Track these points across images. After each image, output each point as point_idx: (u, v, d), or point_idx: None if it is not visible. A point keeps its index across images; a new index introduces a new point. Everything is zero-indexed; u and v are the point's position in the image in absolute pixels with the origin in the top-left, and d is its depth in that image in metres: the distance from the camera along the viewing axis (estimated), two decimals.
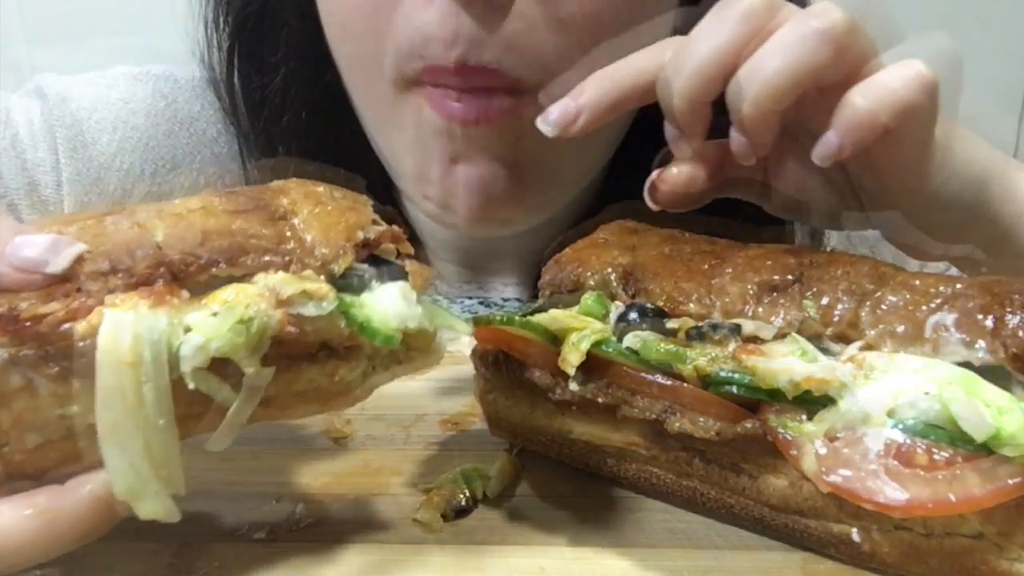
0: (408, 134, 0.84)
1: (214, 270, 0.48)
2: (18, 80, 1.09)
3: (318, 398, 0.51)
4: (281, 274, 0.49)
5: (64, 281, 0.46)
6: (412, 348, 0.53)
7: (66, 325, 0.45)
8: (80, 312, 0.46)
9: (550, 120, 0.64)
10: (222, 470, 0.61)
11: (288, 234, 0.51)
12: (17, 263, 0.46)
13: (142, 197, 1.01)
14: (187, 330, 0.46)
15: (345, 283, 0.51)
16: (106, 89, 1.03)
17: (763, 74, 0.59)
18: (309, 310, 0.48)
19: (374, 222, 0.54)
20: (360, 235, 0.52)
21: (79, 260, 0.47)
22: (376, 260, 0.54)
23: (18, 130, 0.99)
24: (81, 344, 0.45)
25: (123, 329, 0.45)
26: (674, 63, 0.62)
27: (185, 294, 0.47)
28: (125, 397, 0.44)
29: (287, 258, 0.50)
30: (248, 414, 0.48)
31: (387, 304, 0.51)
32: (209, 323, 0.46)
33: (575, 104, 0.63)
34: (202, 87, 1.04)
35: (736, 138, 0.63)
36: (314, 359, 0.50)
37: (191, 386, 0.45)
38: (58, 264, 0.47)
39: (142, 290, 0.46)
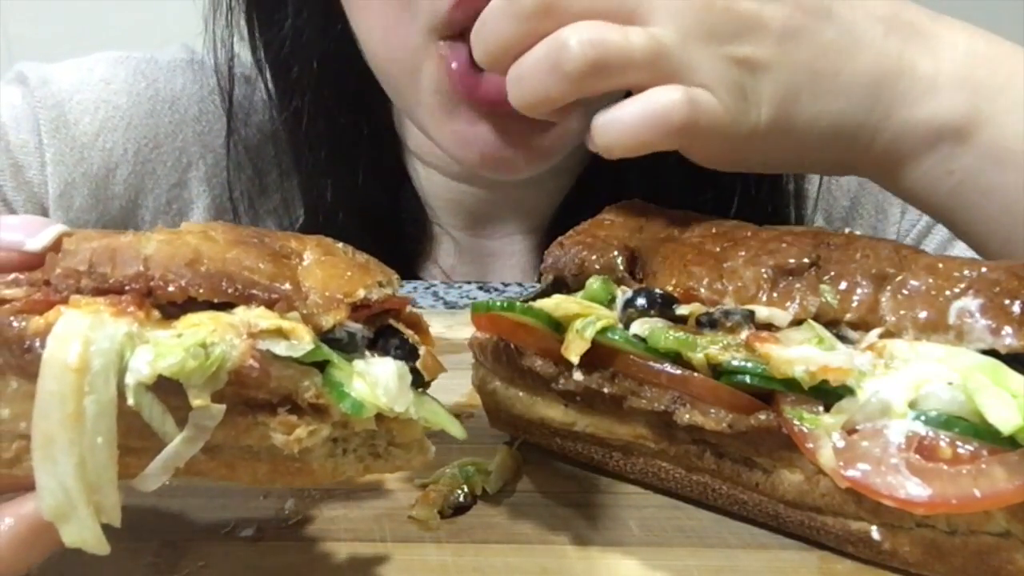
0: (427, 89, 0.84)
1: (192, 292, 0.44)
2: None
3: (270, 461, 0.46)
4: (261, 309, 0.45)
5: (40, 274, 0.44)
6: (395, 444, 0.49)
7: (22, 317, 0.42)
8: (39, 306, 0.43)
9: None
10: None
11: (286, 274, 0.47)
12: None
13: (125, 176, 1.04)
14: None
15: (333, 339, 0.47)
16: (87, 72, 1.05)
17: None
18: (280, 349, 0.44)
19: (380, 284, 0.50)
20: (361, 293, 0.48)
21: (59, 254, 0.44)
22: (386, 331, 0.50)
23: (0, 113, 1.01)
24: (30, 341, 0.42)
25: (76, 332, 0.41)
26: None
27: (156, 314, 0.44)
28: (64, 406, 0.40)
29: (274, 295, 0.46)
30: (188, 456, 0.43)
31: (378, 377, 0.46)
32: (168, 341, 0.42)
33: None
34: (182, 68, 1.08)
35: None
36: (274, 412, 0.45)
37: (130, 401, 0.42)
38: (36, 242, 0.45)
39: (110, 297, 0.43)
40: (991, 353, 0.50)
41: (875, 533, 0.51)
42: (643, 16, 0.62)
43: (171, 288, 0.44)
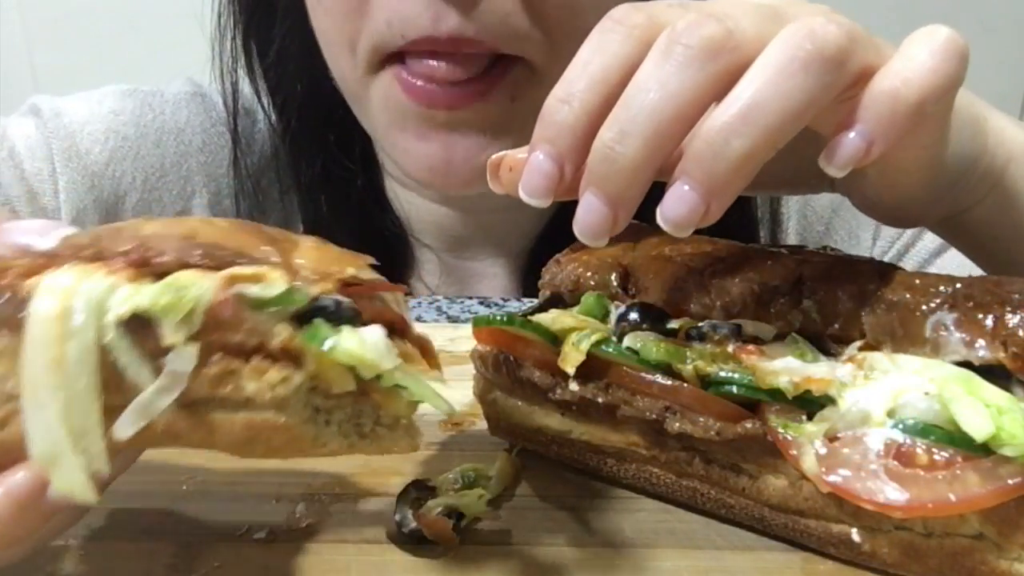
0: (376, 107, 0.88)
1: (185, 258, 0.45)
2: None
3: (247, 418, 0.44)
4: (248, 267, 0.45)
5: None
6: (381, 424, 0.48)
7: (20, 277, 0.43)
8: (40, 269, 0.44)
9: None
10: (221, 471, 0.61)
11: (277, 250, 0.47)
12: (7, 245, 0.46)
13: (134, 203, 1.08)
14: None
15: (320, 308, 0.46)
16: (97, 104, 1.08)
17: (753, 125, 0.47)
18: (252, 291, 0.44)
19: (372, 267, 0.49)
20: (350, 271, 0.47)
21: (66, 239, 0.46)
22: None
23: (15, 143, 1.04)
24: (24, 296, 0.42)
25: (62, 283, 0.43)
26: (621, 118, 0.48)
27: (148, 281, 0.44)
28: (48, 351, 0.41)
29: (263, 261, 0.45)
30: (163, 405, 0.43)
31: (365, 338, 0.45)
32: (146, 287, 0.43)
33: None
34: (187, 100, 1.11)
35: (685, 197, 0.49)
36: (247, 361, 0.44)
37: (106, 340, 0.42)
38: (46, 242, 0.46)
39: (105, 261, 0.44)
40: (965, 365, 0.51)
41: (855, 535, 0.53)
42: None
43: (166, 257, 0.44)
